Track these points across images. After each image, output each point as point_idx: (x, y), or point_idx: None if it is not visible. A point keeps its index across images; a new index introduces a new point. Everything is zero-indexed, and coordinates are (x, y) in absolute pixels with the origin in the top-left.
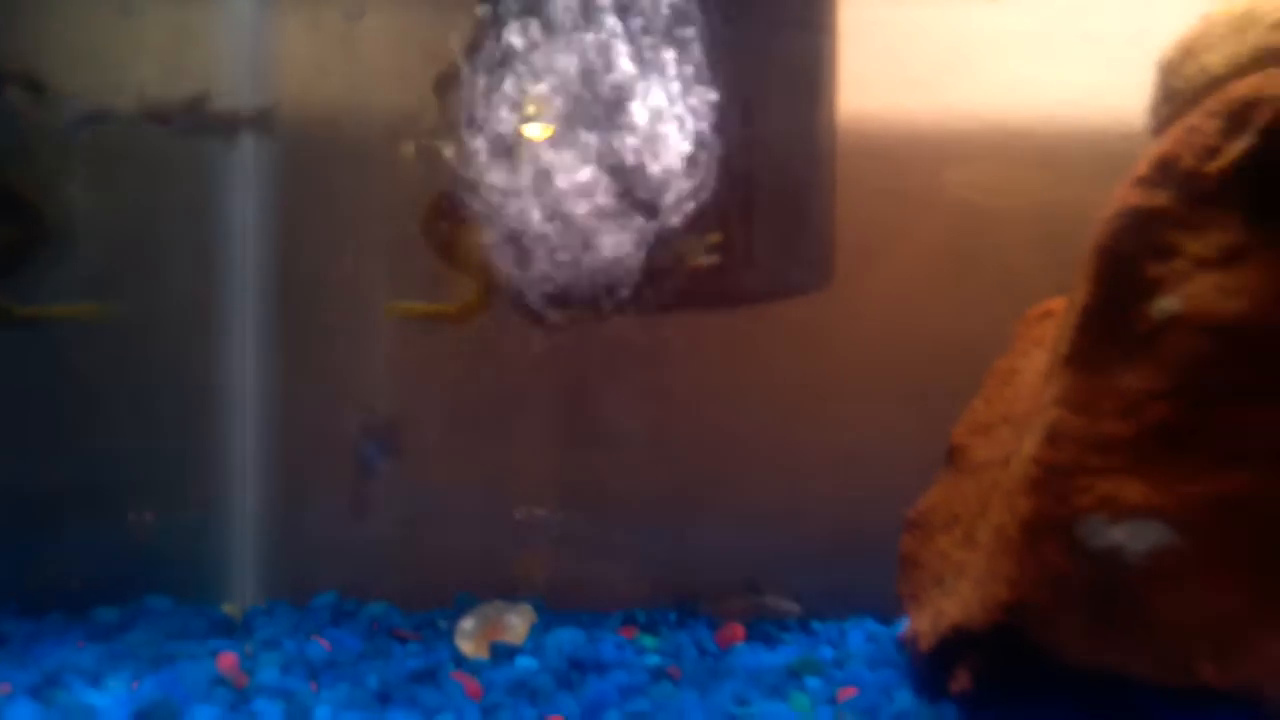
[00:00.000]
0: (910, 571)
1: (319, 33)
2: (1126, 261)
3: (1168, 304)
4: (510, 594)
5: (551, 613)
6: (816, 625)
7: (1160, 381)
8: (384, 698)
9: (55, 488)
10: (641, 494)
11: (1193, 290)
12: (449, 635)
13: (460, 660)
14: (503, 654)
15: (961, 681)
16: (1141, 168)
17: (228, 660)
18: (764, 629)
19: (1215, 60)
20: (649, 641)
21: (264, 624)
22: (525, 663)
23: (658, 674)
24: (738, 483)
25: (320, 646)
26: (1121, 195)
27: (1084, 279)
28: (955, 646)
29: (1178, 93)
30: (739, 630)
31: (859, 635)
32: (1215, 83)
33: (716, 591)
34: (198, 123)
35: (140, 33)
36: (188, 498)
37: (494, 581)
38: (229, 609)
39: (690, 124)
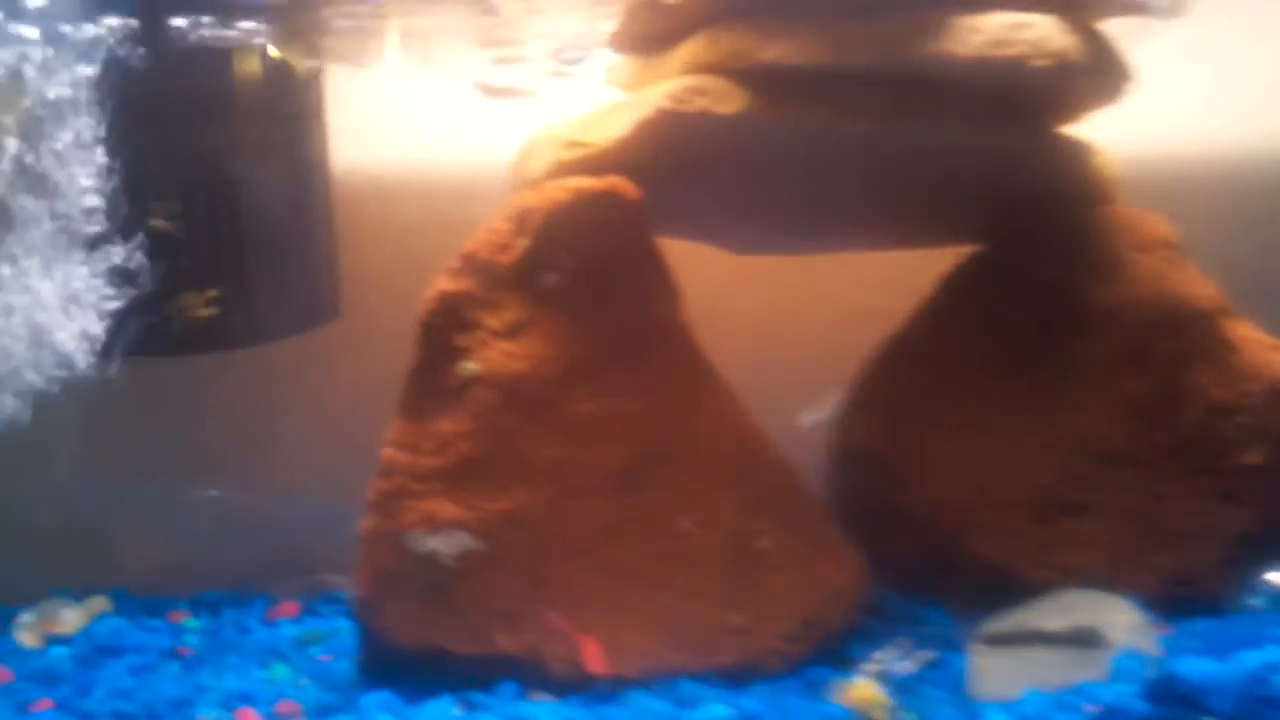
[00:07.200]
0: None
1: None
2: (439, 333)
3: (470, 366)
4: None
5: (133, 599)
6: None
7: (465, 425)
8: None
9: None
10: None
11: (488, 355)
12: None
13: (15, 650)
14: (50, 643)
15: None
16: (453, 261)
17: None
18: (316, 605)
19: (535, 167)
20: (192, 624)
21: None
22: (58, 651)
23: (169, 654)
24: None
25: None
26: (438, 281)
27: (414, 347)
28: None
29: (522, 181)
30: (291, 607)
31: None
32: (535, 184)
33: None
34: None
35: None
36: None
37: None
38: None
39: None
